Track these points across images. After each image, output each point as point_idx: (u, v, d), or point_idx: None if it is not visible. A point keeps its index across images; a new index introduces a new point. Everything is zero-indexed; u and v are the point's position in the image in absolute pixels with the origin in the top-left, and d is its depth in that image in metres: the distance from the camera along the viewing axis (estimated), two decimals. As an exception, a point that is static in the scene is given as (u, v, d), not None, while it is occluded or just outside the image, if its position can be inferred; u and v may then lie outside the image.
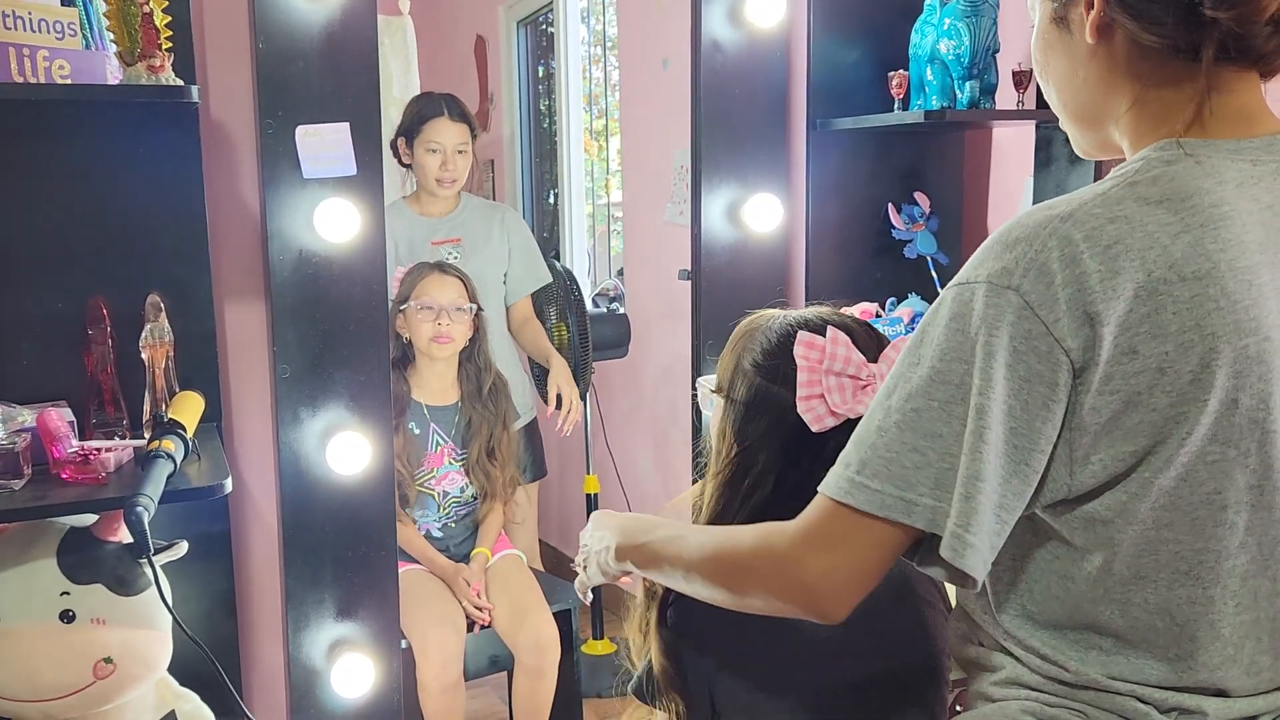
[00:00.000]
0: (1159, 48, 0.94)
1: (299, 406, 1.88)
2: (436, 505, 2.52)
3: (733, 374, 1.29)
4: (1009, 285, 0.88)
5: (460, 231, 2.80)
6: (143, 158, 1.78)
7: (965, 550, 0.88)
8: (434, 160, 2.70)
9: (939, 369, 0.90)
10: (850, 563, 0.93)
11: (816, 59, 2.24)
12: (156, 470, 1.50)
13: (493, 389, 2.57)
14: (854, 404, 1.19)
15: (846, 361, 1.20)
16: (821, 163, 2.28)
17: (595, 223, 4.28)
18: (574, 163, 4.22)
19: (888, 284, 2.36)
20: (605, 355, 3.23)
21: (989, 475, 0.88)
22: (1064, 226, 0.89)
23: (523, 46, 4.56)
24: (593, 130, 4.25)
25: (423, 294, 2.45)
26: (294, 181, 1.82)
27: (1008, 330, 0.88)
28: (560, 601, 2.59)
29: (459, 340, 2.49)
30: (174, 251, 1.82)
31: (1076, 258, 0.88)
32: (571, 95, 4.18)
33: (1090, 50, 0.99)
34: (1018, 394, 0.88)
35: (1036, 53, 1.06)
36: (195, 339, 1.84)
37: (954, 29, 2.01)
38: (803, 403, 1.20)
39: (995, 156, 2.42)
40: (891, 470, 0.91)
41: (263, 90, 1.80)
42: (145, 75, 1.49)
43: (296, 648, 1.93)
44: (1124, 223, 0.89)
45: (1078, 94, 1.02)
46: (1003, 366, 0.88)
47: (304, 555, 1.91)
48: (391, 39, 3.65)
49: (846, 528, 0.92)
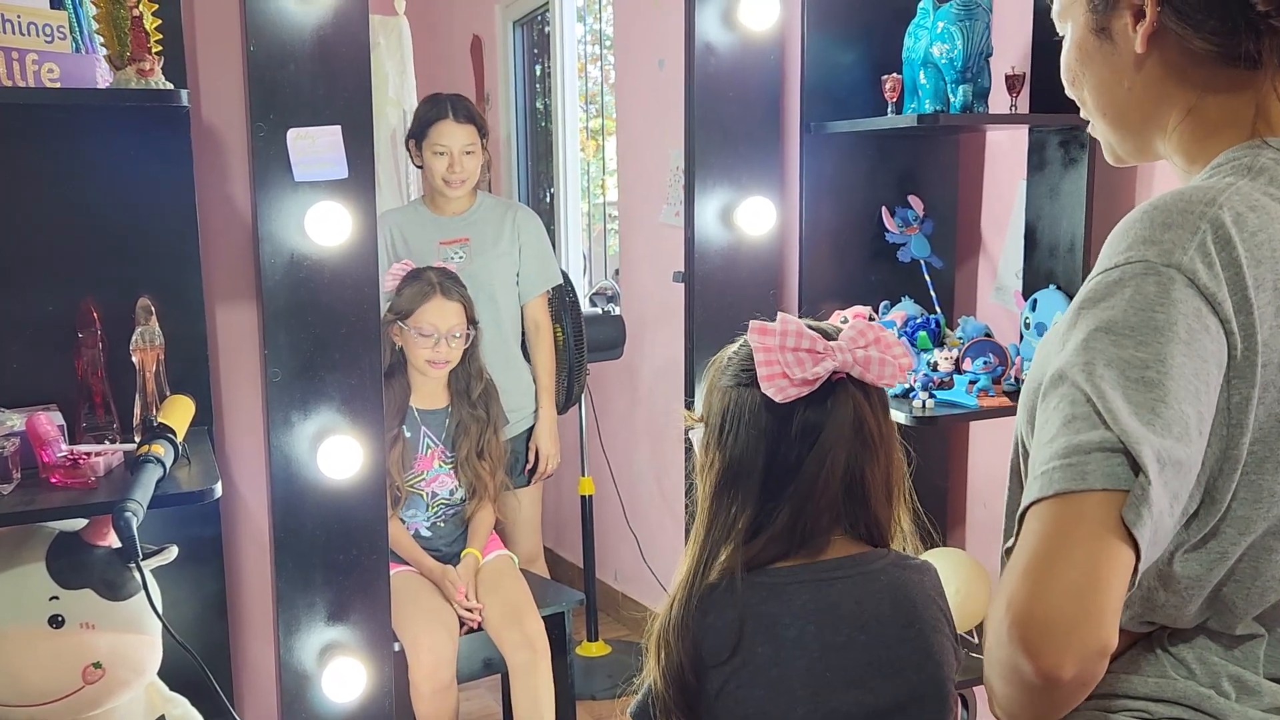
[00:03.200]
0: (1212, 56, 0.95)
1: (290, 410, 1.87)
2: (425, 505, 2.52)
3: (708, 399, 1.31)
4: (1171, 264, 0.85)
5: (470, 231, 2.80)
6: (134, 160, 1.78)
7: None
8: (441, 163, 2.71)
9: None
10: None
11: (810, 62, 2.24)
12: (145, 475, 1.50)
13: (482, 395, 2.58)
14: (813, 370, 1.19)
15: (799, 336, 1.22)
16: (815, 166, 2.28)
17: (592, 223, 4.28)
18: (570, 163, 4.22)
19: (881, 288, 2.36)
20: (600, 357, 3.23)
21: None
22: (1211, 210, 0.87)
23: (519, 46, 4.55)
24: (588, 129, 4.25)
25: (422, 320, 2.44)
26: (285, 185, 1.82)
27: (1178, 308, 0.84)
28: (554, 604, 2.59)
29: (454, 362, 2.50)
30: (165, 254, 1.82)
31: (1229, 241, 0.86)
32: (568, 95, 4.17)
33: (1138, 60, 0.99)
34: (1199, 375, 0.84)
35: (1071, 63, 1.05)
36: (186, 342, 1.84)
37: (947, 32, 2.01)
38: (765, 382, 1.21)
39: (989, 160, 2.42)
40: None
41: (254, 93, 1.80)
42: (135, 79, 1.49)
43: (288, 651, 1.93)
44: (1263, 213, 0.88)
45: (1120, 102, 1.02)
46: (1181, 345, 0.83)
47: (295, 559, 1.91)
48: (387, 39, 3.64)
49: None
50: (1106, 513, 0.80)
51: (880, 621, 1.23)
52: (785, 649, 1.21)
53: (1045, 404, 0.87)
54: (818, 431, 1.22)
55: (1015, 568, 0.81)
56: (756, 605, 1.22)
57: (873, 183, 2.35)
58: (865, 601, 1.24)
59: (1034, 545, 0.81)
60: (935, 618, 1.28)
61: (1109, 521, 0.80)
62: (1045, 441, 0.85)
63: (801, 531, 1.23)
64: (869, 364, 1.24)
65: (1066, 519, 0.81)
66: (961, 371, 2.17)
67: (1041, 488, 0.83)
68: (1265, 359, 0.87)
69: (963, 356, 2.18)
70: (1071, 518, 0.81)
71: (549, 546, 3.93)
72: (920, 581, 1.29)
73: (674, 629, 1.24)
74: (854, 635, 1.22)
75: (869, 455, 1.24)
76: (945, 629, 1.29)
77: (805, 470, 1.22)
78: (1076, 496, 0.81)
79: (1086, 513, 0.80)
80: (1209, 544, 0.92)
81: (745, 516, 1.25)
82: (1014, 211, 2.33)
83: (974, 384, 2.12)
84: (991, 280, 2.44)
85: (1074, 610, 0.78)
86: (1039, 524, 0.82)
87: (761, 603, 1.22)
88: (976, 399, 2.10)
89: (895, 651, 1.23)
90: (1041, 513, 0.82)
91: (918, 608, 1.26)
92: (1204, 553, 0.92)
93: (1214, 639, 0.98)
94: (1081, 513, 0.81)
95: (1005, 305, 2.38)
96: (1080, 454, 0.82)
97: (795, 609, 1.22)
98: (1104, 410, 0.82)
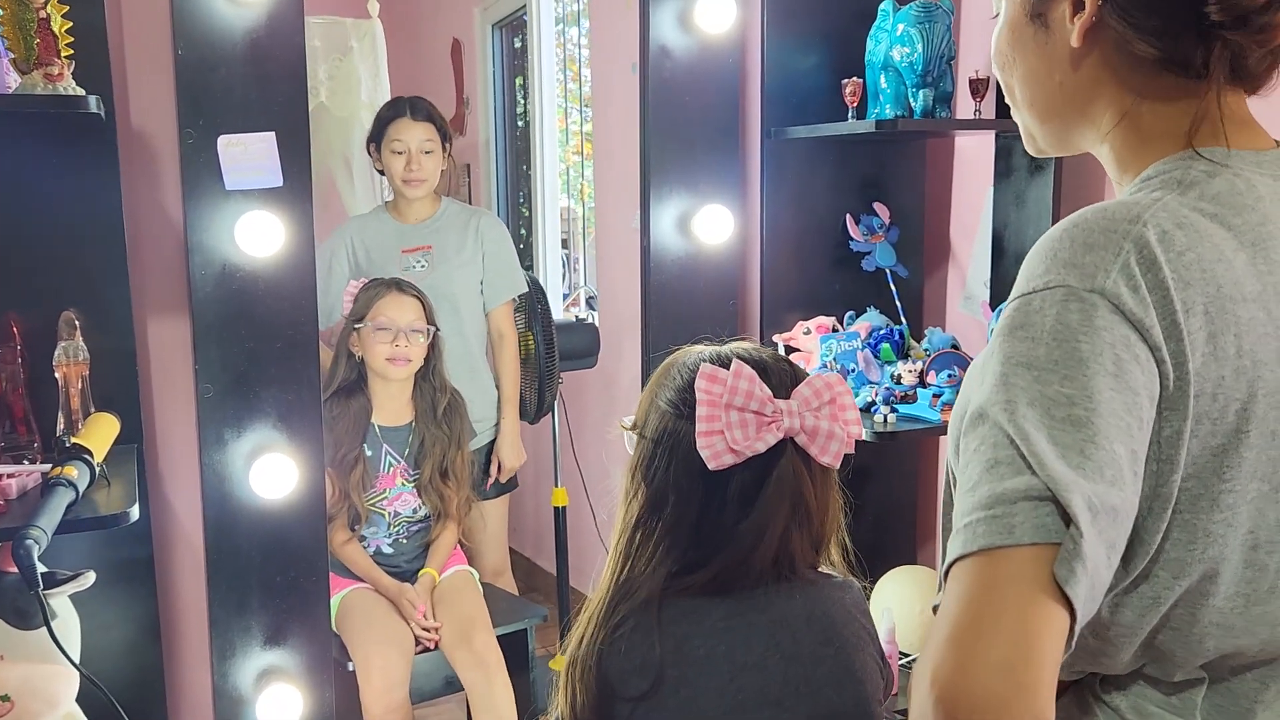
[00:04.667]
0: (1153, 60, 0.88)
1: (223, 427, 1.81)
2: (386, 523, 2.46)
3: (647, 411, 1.25)
4: (1094, 288, 0.78)
5: (433, 239, 2.74)
6: (56, 168, 1.72)
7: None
8: (399, 162, 2.66)
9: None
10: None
11: (770, 66, 2.17)
12: (54, 500, 1.44)
13: (448, 409, 2.51)
14: (754, 441, 1.12)
15: (749, 396, 1.14)
16: (776, 172, 2.21)
17: (586, 226, 4.22)
18: (548, 167, 4.15)
19: (845, 297, 2.30)
20: (574, 365, 3.16)
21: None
22: (1135, 228, 0.80)
23: (498, 50, 4.49)
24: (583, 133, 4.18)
25: (379, 314, 2.38)
26: (216, 193, 1.76)
27: (1103, 337, 0.77)
28: (517, 620, 2.54)
29: (415, 362, 2.44)
30: (91, 266, 1.76)
31: (1154, 262, 0.79)
32: (546, 99, 4.11)
33: (1074, 54, 0.92)
34: (1131, 409, 0.77)
35: (1002, 45, 0.98)
36: (115, 357, 1.78)
37: (907, 35, 1.94)
38: (701, 438, 1.14)
39: (958, 166, 2.35)
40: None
41: (182, 99, 1.74)
42: (42, 84, 1.43)
43: (222, 677, 1.86)
44: (1192, 230, 0.82)
45: (1050, 95, 0.95)
46: (1108, 378, 0.76)
47: (229, 581, 1.85)
48: (360, 43, 3.58)
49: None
50: (1036, 570, 0.72)
51: (796, 640, 1.18)
52: (693, 669, 1.16)
53: (966, 445, 0.80)
54: (754, 499, 1.16)
55: (940, 635, 0.73)
56: (668, 629, 1.17)
57: (836, 189, 2.28)
58: (780, 619, 1.19)
59: (958, 610, 0.73)
60: (857, 635, 1.23)
61: (1040, 580, 0.72)
62: (967, 489, 0.78)
63: (724, 585, 1.18)
64: (816, 435, 1.17)
65: (993, 578, 0.73)
66: (926, 385, 2.10)
67: (965, 543, 0.75)
68: (1198, 389, 0.80)
69: (927, 369, 2.11)
70: (998, 577, 0.73)
71: (528, 555, 3.86)
72: (840, 598, 1.23)
73: (582, 663, 1.18)
74: (768, 654, 1.17)
75: (801, 520, 1.19)
76: (869, 647, 1.24)
77: (739, 537, 1.17)
78: (1002, 552, 0.73)
79: (1014, 571, 0.73)
80: (1139, 588, 0.85)
81: (667, 558, 1.19)
82: (982, 219, 2.26)
83: (938, 398, 2.06)
84: (959, 290, 2.37)
85: (1005, 686, 0.70)
86: (963, 585, 0.74)
87: (672, 623, 1.17)
88: (940, 413, 2.04)
89: (813, 670, 1.18)
90: (966, 571, 0.74)
91: (837, 625, 1.21)
92: (1135, 597, 0.85)
93: (1152, 685, 0.92)
94: (1009, 571, 0.73)
95: (974, 315, 2.31)
96: (1005, 504, 0.74)
97: (706, 628, 1.18)
98: (1028, 454, 0.75)
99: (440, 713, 3.01)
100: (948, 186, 2.37)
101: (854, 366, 2.13)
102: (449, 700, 2.99)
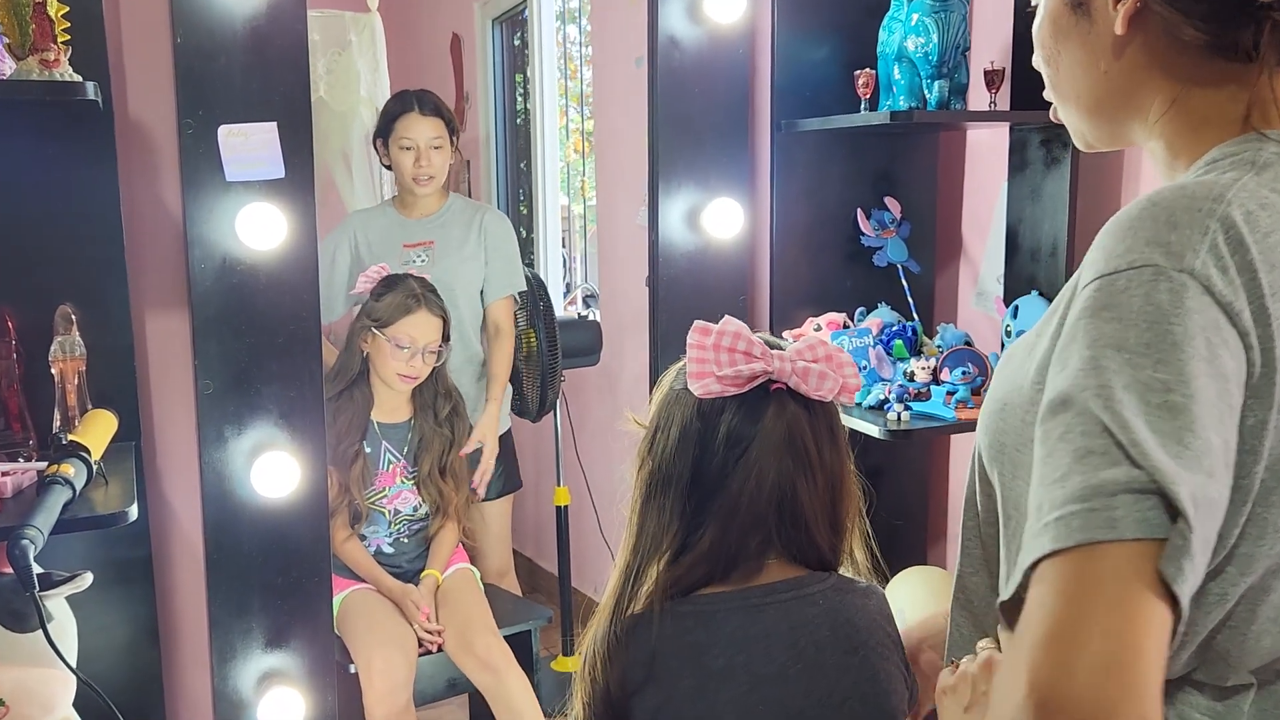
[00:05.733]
0: (1201, 45, 0.85)
1: (223, 424, 1.77)
2: (387, 522, 2.42)
3: (653, 404, 1.24)
4: (1184, 268, 0.74)
5: (436, 235, 2.71)
6: (51, 158, 1.67)
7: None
8: (408, 158, 2.63)
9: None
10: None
11: (781, 57, 2.13)
12: (50, 499, 1.40)
13: (450, 413, 2.49)
14: (741, 367, 1.12)
15: (737, 338, 1.14)
16: (787, 165, 2.17)
17: (587, 224, 4.18)
18: (549, 163, 4.11)
19: (857, 293, 2.26)
20: (576, 363, 3.12)
21: None
22: (1220, 207, 0.76)
23: (498, 45, 4.45)
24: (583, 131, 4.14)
25: (402, 331, 2.34)
26: (216, 185, 1.72)
27: (1195, 320, 0.72)
28: (521, 622, 2.50)
29: (423, 378, 2.41)
30: (88, 259, 1.71)
31: (1242, 243, 0.75)
32: (546, 94, 4.07)
33: (1118, 42, 0.89)
34: (1223, 396, 0.73)
35: (1044, 37, 0.95)
36: (112, 353, 1.73)
37: (922, 25, 1.90)
38: (692, 380, 1.14)
39: (970, 159, 2.31)
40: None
41: (182, 87, 1.70)
42: (38, 70, 1.38)
43: (222, 680, 1.82)
44: (1274, 212, 0.78)
45: (1095, 86, 0.92)
46: (1202, 363, 0.72)
47: (229, 581, 1.81)
48: (359, 37, 3.54)
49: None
50: (1140, 566, 0.67)
51: (818, 648, 1.14)
52: (711, 681, 1.12)
53: (1046, 434, 0.75)
54: (746, 442, 1.13)
55: (1034, 635, 0.68)
56: (680, 635, 1.14)
57: (847, 183, 2.24)
58: (801, 627, 1.15)
59: (1056, 608, 0.68)
60: (881, 643, 1.18)
61: (1144, 576, 0.67)
62: (1054, 480, 0.72)
63: (728, 553, 1.15)
64: (807, 375, 1.14)
65: (1093, 575, 0.68)
66: (939, 382, 2.06)
67: (1058, 537, 0.69)
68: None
69: (941, 366, 2.07)
70: (1099, 573, 0.68)
71: (529, 555, 3.82)
72: (864, 605, 1.19)
73: (597, 660, 1.15)
74: (788, 665, 1.13)
75: (803, 474, 1.14)
76: (894, 656, 1.20)
77: (730, 484, 1.13)
78: (1103, 548, 0.68)
79: (1117, 567, 0.68)
80: (1208, 585, 0.81)
81: (671, 533, 1.17)
82: (995, 213, 2.22)
83: (952, 395, 2.02)
84: (972, 285, 2.33)
85: (1112, 688, 0.65)
86: (1058, 581, 0.69)
87: (687, 632, 1.14)
88: (955, 411, 2.00)
89: (836, 680, 1.14)
90: (1060, 568, 0.69)
91: (861, 633, 1.16)
92: (1203, 594, 0.81)
93: (1198, 691, 0.87)
94: (1111, 568, 0.68)
95: (987, 311, 2.28)
96: (1103, 495, 0.69)
97: (723, 638, 1.14)
98: (1128, 443, 0.70)
99: (442, 715, 2.97)
100: (959, 180, 2.33)
101: (866, 364, 2.09)
102: (450, 702, 2.96)
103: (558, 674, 3.24)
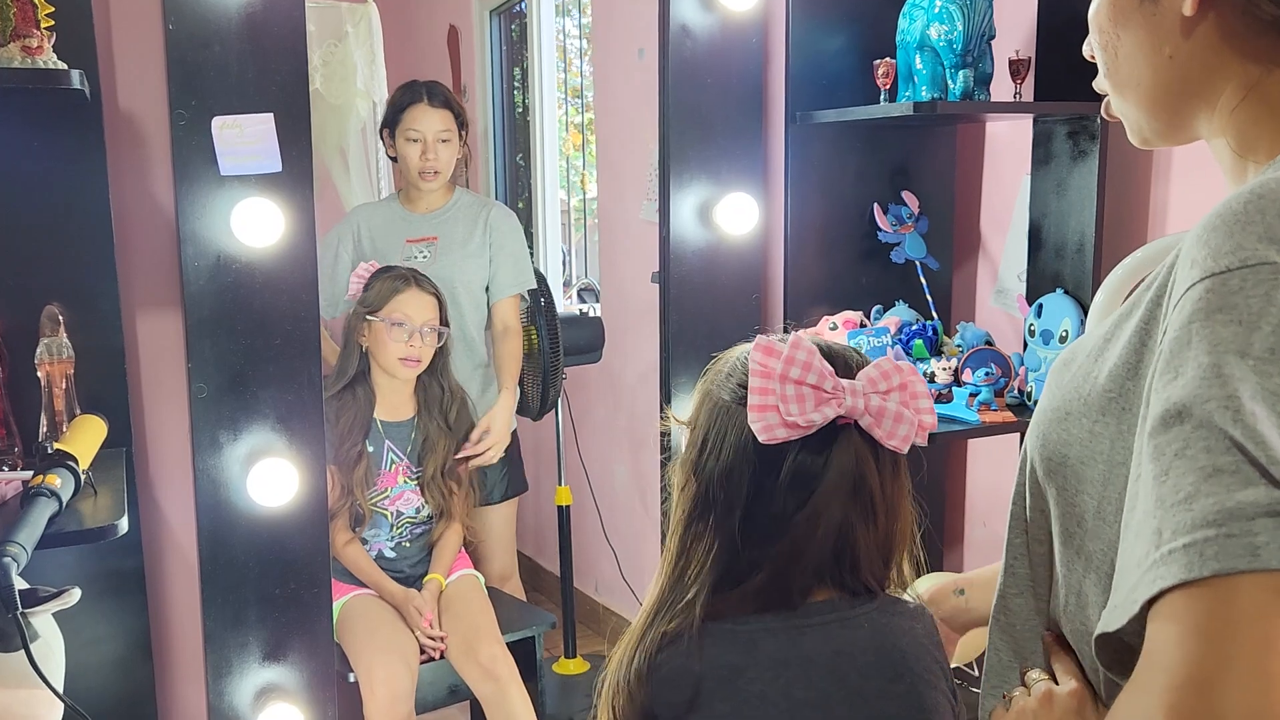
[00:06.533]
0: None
1: (218, 430, 1.69)
2: (389, 525, 2.35)
3: (698, 407, 1.15)
4: None
5: (439, 230, 2.64)
6: (37, 151, 1.59)
7: None
8: (414, 150, 2.57)
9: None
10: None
11: (796, 46, 2.06)
12: (35, 512, 1.32)
13: (457, 413, 2.42)
14: (810, 413, 1.01)
15: (806, 368, 1.03)
16: (802, 159, 2.10)
17: (587, 218, 4.11)
18: (549, 157, 4.04)
19: (874, 291, 2.19)
20: (577, 360, 3.06)
21: None
22: None
23: (496, 37, 4.37)
24: (581, 124, 4.07)
25: (396, 310, 2.29)
26: (210, 179, 1.65)
27: None
28: (525, 627, 2.45)
29: (425, 362, 2.35)
30: (75, 257, 1.64)
31: None
32: (545, 87, 4.00)
33: (1186, 23, 0.81)
34: None
35: (1103, 22, 0.87)
36: (102, 355, 1.66)
37: (945, 12, 1.83)
38: (753, 412, 1.03)
39: (989, 152, 2.25)
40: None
41: (173, 77, 1.62)
42: (20, 57, 1.30)
43: (217, 696, 1.75)
44: None
45: (1158, 73, 0.85)
46: None
47: (225, 594, 1.73)
48: (355, 28, 3.46)
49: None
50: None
51: (862, 674, 1.07)
52: (748, 706, 1.06)
53: (1158, 449, 0.68)
54: (812, 484, 1.05)
55: (1170, 680, 0.62)
56: (717, 657, 1.07)
57: (864, 177, 2.17)
58: (844, 652, 1.08)
59: (1194, 649, 0.61)
60: (929, 669, 1.11)
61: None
62: (1176, 500, 0.65)
63: (780, 592, 1.07)
64: (882, 417, 1.06)
65: (1235, 611, 0.61)
66: (961, 383, 1.99)
67: (1189, 566, 0.63)
68: None
69: (962, 367, 2.00)
70: (1242, 608, 0.61)
71: (530, 555, 3.75)
72: (912, 628, 1.12)
73: (625, 685, 1.08)
74: (830, 690, 1.06)
75: (865, 517, 1.07)
76: (941, 683, 1.13)
77: (793, 529, 1.05)
78: (1242, 579, 0.61)
79: (1262, 602, 0.61)
80: None
81: (717, 562, 1.09)
82: (1016, 208, 2.16)
83: (975, 397, 1.95)
84: (992, 283, 2.26)
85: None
86: (1194, 617, 0.62)
87: (723, 654, 1.07)
88: (978, 413, 1.93)
89: (880, 708, 1.07)
90: (1193, 601, 0.62)
91: (908, 658, 1.09)
92: None
93: None
94: (1254, 602, 0.61)
95: (1007, 310, 2.21)
96: (1241, 520, 0.62)
97: (761, 660, 1.07)
98: (1266, 460, 0.63)
99: (445, 718, 2.91)
100: (978, 174, 2.27)
101: (884, 364, 2.02)
102: (450, 707, 2.90)
103: (561, 677, 3.18)
